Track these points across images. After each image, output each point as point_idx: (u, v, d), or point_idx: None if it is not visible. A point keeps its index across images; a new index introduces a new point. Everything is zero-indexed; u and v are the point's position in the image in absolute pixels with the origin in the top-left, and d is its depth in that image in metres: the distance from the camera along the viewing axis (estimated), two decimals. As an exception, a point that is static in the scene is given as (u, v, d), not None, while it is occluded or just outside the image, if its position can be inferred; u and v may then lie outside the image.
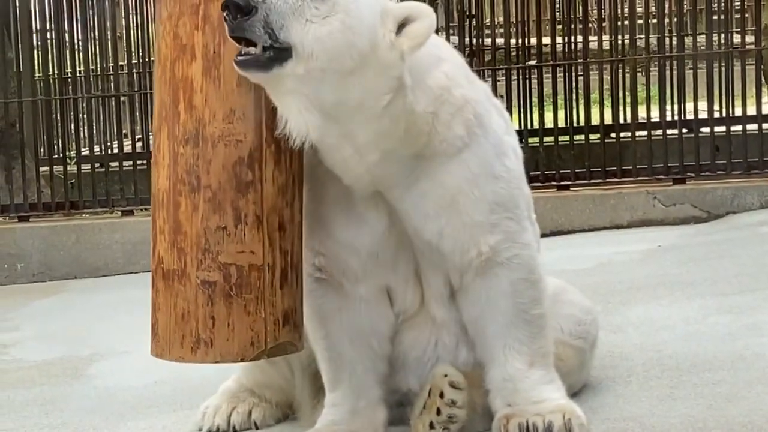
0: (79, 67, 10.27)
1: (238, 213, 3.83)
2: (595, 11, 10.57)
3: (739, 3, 11.61)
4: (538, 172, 9.05)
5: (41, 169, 9.92)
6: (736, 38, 10.33)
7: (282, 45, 3.65)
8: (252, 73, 3.72)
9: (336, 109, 3.75)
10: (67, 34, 10.04)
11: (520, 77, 9.97)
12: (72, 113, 10.19)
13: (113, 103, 10.23)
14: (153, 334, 3.94)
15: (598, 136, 9.60)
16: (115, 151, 10.11)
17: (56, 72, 10.11)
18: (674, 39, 9.78)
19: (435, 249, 4.02)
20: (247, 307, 3.84)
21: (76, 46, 10.12)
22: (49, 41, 10.06)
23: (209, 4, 3.87)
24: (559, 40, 9.84)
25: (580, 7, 10.07)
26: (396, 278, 4.15)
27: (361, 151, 3.85)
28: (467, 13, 10.07)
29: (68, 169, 9.97)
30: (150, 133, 10.25)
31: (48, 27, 10.02)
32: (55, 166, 9.81)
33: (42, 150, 10.08)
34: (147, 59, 10.20)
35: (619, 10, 9.90)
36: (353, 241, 4.05)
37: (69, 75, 10.16)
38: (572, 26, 9.87)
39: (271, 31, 3.64)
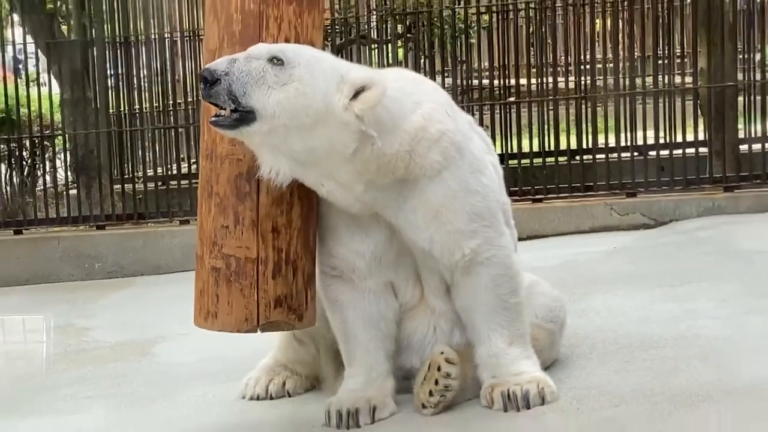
0: (145, 104, 10.29)
1: (237, 216, 3.91)
2: (563, 57, 10.55)
3: (679, 49, 11.62)
4: (517, 188, 9.03)
5: (115, 186, 9.93)
6: (677, 79, 10.32)
7: (245, 108, 3.65)
8: (222, 131, 3.74)
9: (306, 156, 3.75)
10: (135, 78, 10.05)
11: (502, 111, 9.96)
12: (139, 141, 10.20)
13: (172, 133, 10.22)
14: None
15: (566, 158, 9.59)
16: (174, 171, 10.09)
17: (126, 108, 10.12)
18: (627, 79, 9.77)
19: (428, 253, 4.02)
20: (243, 290, 3.92)
21: (142, 87, 10.14)
22: (120, 83, 10.08)
23: (222, 51, 3.94)
24: (533, 80, 9.82)
25: (551, 53, 10.08)
26: (398, 277, 4.15)
27: (345, 185, 3.85)
28: (459, 59, 10.07)
29: (136, 186, 9.99)
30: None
31: (120, 71, 10.04)
32: (125, 184, 9.81)
33: (115, 171, 10.08)
34: (199, 98, 10.20)
35: (582, 56, 9.88)
36: (359, 248, 4.05)
37: (137, 110, 10.18)
38: (544, 69, 9.85)
39: (234, 98, 3.65)
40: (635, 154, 9.40)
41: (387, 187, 3.88)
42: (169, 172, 10.14)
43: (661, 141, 9.45)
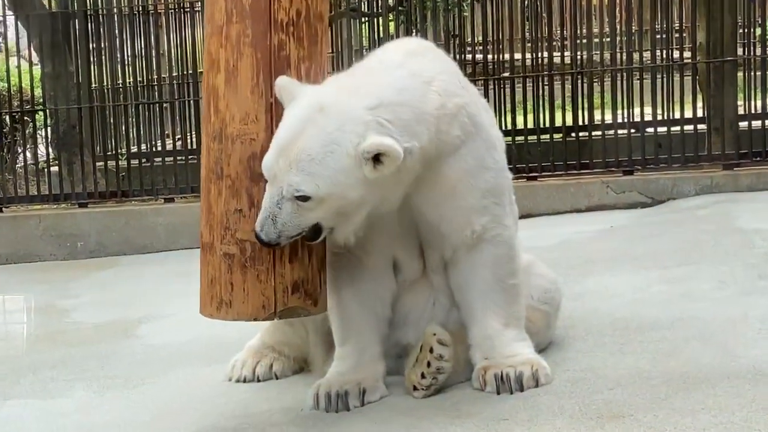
0: (129, 78, 10.25)
1: (252, 199, 3.84)
2: (559, 31, 10.53)
3: (677, 23, 11.61)
4: (511, 165, 8.94)
5: (97, 163, 9.90)
6: (676, 53, 10.32)
7: (309, 227, 3.78)
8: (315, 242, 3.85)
9: (371, 214, 3.85)
10: (118, 51, 10.01)
11: (496, 87, 9.95)
12: (122, 117, 10.18)
13: (157, 109, 10.18)
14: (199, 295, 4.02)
15: (561, 135, 9.58)
16: (159, 148, 10.07)
17: (109, 83, 10.08)
18: (624, 54, 9.76)
19: (435, 229, 4.02)
20: (259, 276, 3.86)
21: (126, 61, 10.10)
22: (103, 57, 10.03)
23: (230, 26, 3.89)
24: (528, 55, 9.81)
25: (546, 27, 10.05)
26: (403, 251, 4.15)
27: (395, 198, 3.90)
28: (452, 33, 10.04)
29: (120, 163, 9.97)
30: (188, 133, 10.25)
31: (102, 45, 10.00)
32: (108, 161, 9.79)
33: (98, 148, 10.05)
34: (185, 72, 10.18)
35: (578, 30, 9.86)
36: (369, 224, 4.03)
37: (120, 85, 10.14)
38: (539, 44, 9.83)
39: (296, 235, 3.78)
40: (632, 130, 9.40)
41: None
42: (154, 149, 10.11)
43: (659, 117, 9.44)
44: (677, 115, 9.42)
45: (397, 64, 3.91)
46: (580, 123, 9.66)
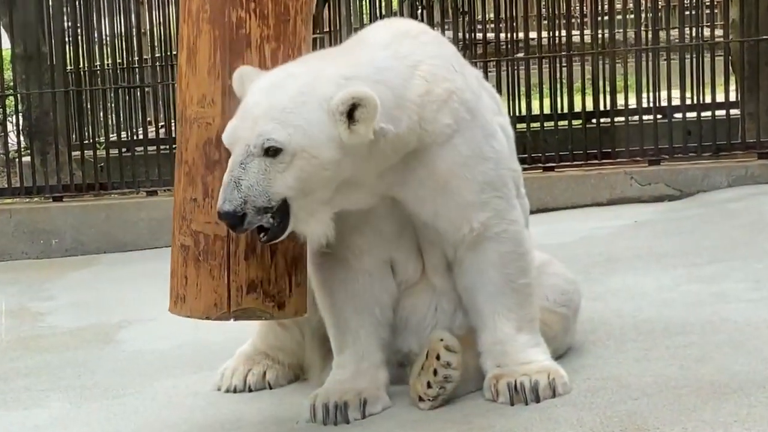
0: (107, 60, 10.26)
1: (207, 188, 3.88)
2: (578, 7, 10.54)
3: (709, -1, 11.60)
4: (525, 155, 9.01)
5: (73, 153, 9.91)
6: (706, 32, 10.31)
7: (277, 205, 3.70)
8: (280, 239, 3.80)
9: (344, 190, 3.82)
10: (96, 31, 10.01)
11: (509, 68, 9.94)
12: (101, 102, 10.18)
13: (138, 93, 10.18)
14: None
15: (581, 121, 9.58)
16: (140, 136, 10.07)
17: (86, 65, 10.09)
18: (650, 33, 9.75)
19: (431, 227, 4.02)
20: (212, 271, 3.89)
21: (104, 42, 10.11)
22: (79, 37, 10.04)
23: (191, 1, 3.90)
24: (544, 34, 9.81)
25: (564, 4, 10.03)
26: (399, 252, 4.15)
27: (363, 188, 3.88)
28: (461, 10, 10.04)
29: (98, 153, 9.97)
30: (173, 121, 10.23)
31: (78, 24, 10.00)
32: (85, 151, 9.78)
33: (74, 136, 10.06)
34: (168, 53, 10.18)
35: (599, 6, 9.86)
36: (356, 222, 4.04)
37: (98, 68, 10.15)
38: (557, 21, 9.83)
39: (265, 210, 3.70)
40: (659, 116, 9.39)
41: (396, 164, 3.89)
42: (135, 137, 10.12)
43: (688, 102, 9.44)
44: (708, 100, 9.41)
45: (384, 44, 3.92)
46: (602, 108, 9.67)
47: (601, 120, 9.56)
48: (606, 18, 9.90)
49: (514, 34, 10.02)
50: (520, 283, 4.10)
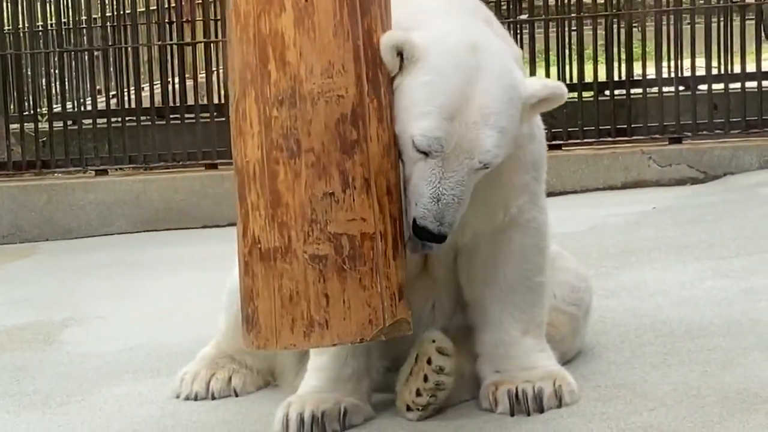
0: (51, 19, 10.22)
1: (346, 177, 3.65)
2: (590, -37, 10.55)
3: (739, -45, 11.59)
4: (529, 131, 9.04)
5: (11, 126, 9.89)
6: (736, -8, 10.33)
7: None
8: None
9: None
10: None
11: (511, 32, 9.94)
12: (43, 68, 10.15)
13: (86, 57, 10.17)
14: (250, 325, 3.75)
15: (592, 93, 9.60)
16: (89, 108, 10.05)
17: (26, 25, 10.05)
18: (671, -8, 9.78)
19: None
20: (362, 281, 3.66)
21: (47, -2, 10.09)
22: (18, -8, 10.02)
23: None
24: (551, -7, 9.82)
25: (574, -41, 10.06)
26: None
27: None
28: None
29: (39, 126, 9.94)
30: (126, 90, 10.21)
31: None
32: (25, 124, 9.78)
33: (12, 106, 10.03)
34: (122, 12, 10.16)
35: (614, -38, 9.89)
36: None
37: (40, 28, 10.11)
38: (565, -21, 9.85)
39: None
40: (681, 88, 9.42)
41: None
42: (82, 108, 10.10)
43: (714, 72, 9.46)
44: (737, 69, 9.44)
45: (444, 10, 3.90)
46: (616, 78, 9.68)
47: (616, 92, 9.57)
48: (622, -25, 9.91)
49: (517, -7, 10.03)
50: (536, 281, 4.11)
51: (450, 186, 3.67)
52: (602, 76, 9.69)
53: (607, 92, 9.60)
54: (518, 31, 9.87)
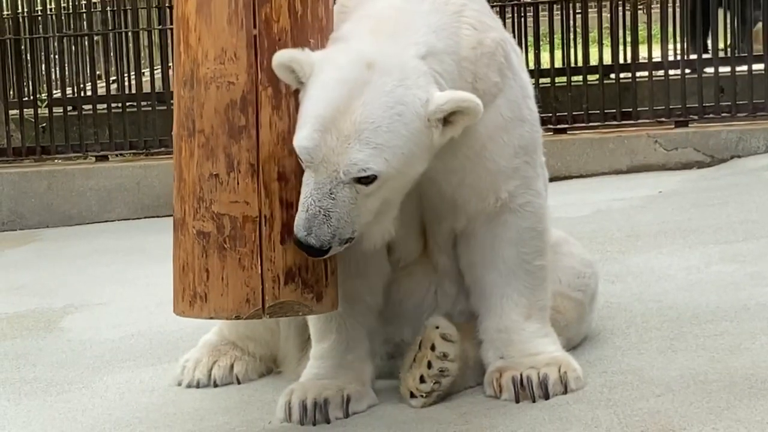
0: (50, 4, 10.21)
1: (231, 160, 3.77)
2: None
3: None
4: (534, 115, 9.04)
5: (11, 112, 9.88)
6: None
7: (359, 232, 3.77)
8: None
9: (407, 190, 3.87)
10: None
11: (515, 15, 9.94)
12: (43, 53, 10.15)
13: (86, 42, 10.16)
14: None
15: (597, 76, 9.59)
16: (89, 93, 10.05)
17: (26, 10, 10.04)
18: (677, -26, 9.76)
19: (449, 199, 4.01)
20: (241, 261, 3.78)
21: (46, -18, 10.08)
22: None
23: None
24: (556, -25, 9.81)
25: (578, -61, 10.03)
26: (399, 229, 4.12)
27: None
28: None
29: (39, 112, 9.94)
30: (126, 75, 10.21)
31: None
32: (25, 109, 9.77)
33: (11, 92, 10.03)
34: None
35: (619, -56, 9.86)
36: None
37: (39, 13, 10.11)
38: (570, -40, 9.83)
39: (348, 239, 3.74)
40: (687, 71, 9.40)
41: None
42: (82, 94, 10.09)
43: (721, 54, 9.44)
44: (744, 52, 9.41)
45: None
46: (621, 61, 9.67)
47: (621, 75, 9.56)
48: (627, -43, 9.89)
49: (521, -25, 10.01)
50: (536, 265, 4.11)
51: (318, 197, 3.67)
52: (607, 59, 9.67)
53: (613, 75, 9.59)
54: (522, 14, 9.84)
